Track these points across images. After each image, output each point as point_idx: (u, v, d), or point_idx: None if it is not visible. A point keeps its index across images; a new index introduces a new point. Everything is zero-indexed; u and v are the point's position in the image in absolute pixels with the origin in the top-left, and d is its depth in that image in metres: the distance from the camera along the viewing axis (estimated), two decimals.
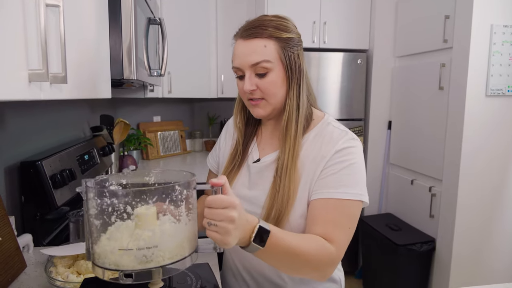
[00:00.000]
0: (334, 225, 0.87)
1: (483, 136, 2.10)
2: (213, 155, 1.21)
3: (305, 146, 0.96)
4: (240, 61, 0.93)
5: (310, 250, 0.80)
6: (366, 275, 2.82)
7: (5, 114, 1.26)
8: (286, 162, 0.93)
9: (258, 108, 0.97)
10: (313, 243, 0.82)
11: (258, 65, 0.91)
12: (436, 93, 2.33)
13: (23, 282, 1.01)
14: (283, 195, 0.91)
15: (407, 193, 2.66)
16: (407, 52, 2.67)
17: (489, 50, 2.04)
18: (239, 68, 0.94)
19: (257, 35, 0.92)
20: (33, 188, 1.27)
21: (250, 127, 1.09)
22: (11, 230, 1.04)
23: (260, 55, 0.91)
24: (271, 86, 0.93)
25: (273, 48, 0.92)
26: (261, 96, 0.95)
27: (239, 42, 0.95)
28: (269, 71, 0.92)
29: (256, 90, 0.94)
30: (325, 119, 1.01)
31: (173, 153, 3.25)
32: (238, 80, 0.98)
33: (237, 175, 1.05)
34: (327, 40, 2.78)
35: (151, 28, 1.80)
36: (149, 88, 2.58)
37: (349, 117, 2.87)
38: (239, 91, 1.00)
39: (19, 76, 0.64)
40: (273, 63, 0.92)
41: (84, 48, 1.02)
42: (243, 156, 1.06)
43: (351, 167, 0.91)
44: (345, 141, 0.93)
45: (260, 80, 0.93)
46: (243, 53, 0.93)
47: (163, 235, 0.66)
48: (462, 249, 2.18)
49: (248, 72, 0.93)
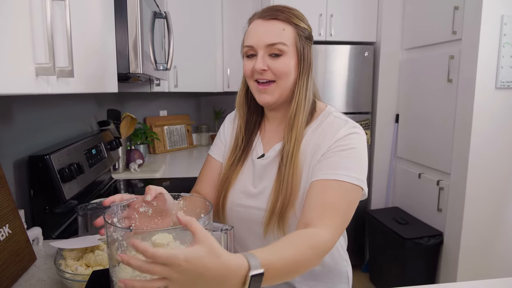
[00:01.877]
0: (330, 208, 0.82)
1: (492, 129, 2.08)
2: (217, 148, 1.14)
3: (306, 137, 0.95)
4: (256, 40, 0.92)
5: (306, 254, 0.73)
6: (373, 269, 2.82)
7: (13, 108, 1.27)
8: (291, 152, 0.92)
9: (266, 94, 0.95)
10: (305, 244, 0.75)
11: (274, 46, 0.90)
12: (444, 86, 2.31)
13: (33, 274, 1.02)
14: (287, 187, 0.90)
15: (415, 187, 2.65)
16: (415, 44, 2.63)
17: (499, 42, 2.00)
18: (253, 46, 0.93)
19: (278, 17, 0.91)
20: (41, 182, 1.28)
21: (253, 118, 1.07)
22: (20, 223, 1.06)
23: (278, 36, 0.90)
24: (284, 67, 0.92)
25: (291, 34, 0.92)
26: (272, 78, 0.93)
27: (257, 22, 0.94)
28: (283, 54, 0.91)
29: (267, 70, 0.92)
30: (327, 110, 1.00)
31: (179, 147, 3.26)
32: (247, 60, 0.96)
33: (240, 170, 1.03)
34: (334, 33, 2.76)
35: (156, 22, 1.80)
36: (155, 82, 2.58)
37: (356, 110, 2.86)
38: (245, 72, 0.97)
39: (26, 70, 0.64)
40: (289, 47, 0.91)
41: (90, 42, 1.02)
42: (246, 151, 1.05)
43: (351, 150, 0.89)
44: (347, 129, 0.91)
45: (272, 61, 0.92)
46: (261, 31, 0.92)
47: None
48: (470, 243, 2.16)
49: (262, 51, 0.92)
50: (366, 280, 2.88)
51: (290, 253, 0.71)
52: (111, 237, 0.66)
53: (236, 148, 1.05)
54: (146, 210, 0.79)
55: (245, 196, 1.01)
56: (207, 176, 1.11)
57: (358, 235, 2.95)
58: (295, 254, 0.71)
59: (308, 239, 0.76)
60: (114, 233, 0.65)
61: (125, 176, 2.28)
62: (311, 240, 0.76)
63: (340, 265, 1.05)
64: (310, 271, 0.99)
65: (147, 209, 0.79)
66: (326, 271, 1.01)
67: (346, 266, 1.07)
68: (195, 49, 2.83)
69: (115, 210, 0.70)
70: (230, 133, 1.12)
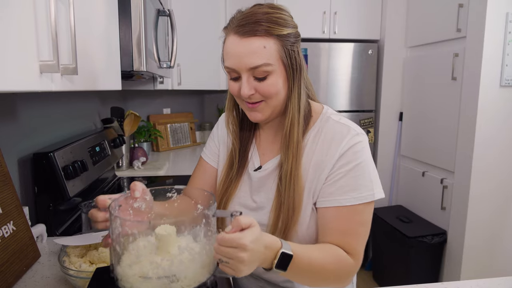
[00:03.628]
0: (348, 235, 0.84)
1: (496, 128, 2.07)
2: (210, 151, 1.10)
3: (306, 150, 0.90)
4: (236, 63, 0.83)
5: (329, 264, 0.79)
6: (376, 267, 2.81)
7: (18, 106, 1.28)
8: (290, 171, 0.87)
9: (256, 112, 0.88)
10: (332, 257, 0.81)
11: (258, 68, 0.81)
12: (448, 84, 2.30)
13: (37, 271, 1.02)
14: (288, 206, 0.87)
15: (418, 185, 2.64)
16: (419, 42, 2.62)
17: (504, 39, 1.99)
18: (234, 69, 0.84)
19: (256, 33, 0.80)
20: (45, 179, 1.29)
21: (246, 130, 1.01)
22: (25, 220, 1.06)
23: (260, 57, 0.81)
24: (272, 88, 0.84)
25: (274, 48, 0.82)
26: (260, 98, 0.86)
27: (233, 39, 0.83)
28: (270, 74, 0.83)
29: (254, 94, 0.85)
30: (324, 113, 0.94)
31: (183, 145, 3.26)
32: (232, 82, 0.88)
33: (238, 184, 0.99)
34: (338, 31, 2.75)
35: (160, 19, 1.80)
36: (159, 80, 2.59)
37: (360, 109, 2.85)
38: (232, 93, 0.90)
39: (31, 67, 0.64)
40: (274, 65, 0.82)
41: (94, 39, 1.02)
42: (243, 163, 1.00)
43: (357, 167, 0.85)
44: (349, 140, 0.86)
45: (259, 83, 0.84)
46: (240, 53, 0.82)
47: (182, 264, 0.66)
48: (474, 241, 2.16)
49: (245, 75, 0.83)
50: (370, 278, 2.88)
51: (317, 256, 0.78)
52: (121, 231, 0.66)
53: (232, 164, 1.00)
54: (140, 205, 0.79)
55: (244, 210, 0.97)
56: (199, 179, 1.09)
57: None
58: (321, 259, 0.78)
59: (336, 253, 0.82)
60: (126, 228, 0.66)
61: (129, 174, 2.28)
62: (338, 256, 0.82)
63: None
64: None
65: (140, 204, 0.79)
66: None
67: None
68: (199, 47, 2.83)
69: (114, 207, 0.71)
70: (224, 133, 1.07)
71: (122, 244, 0.67)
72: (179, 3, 2.58)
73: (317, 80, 2.78)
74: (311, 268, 0.76)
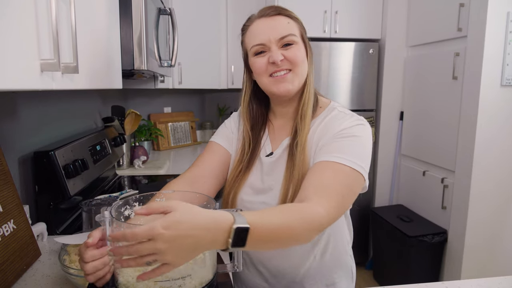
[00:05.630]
0: (327, 188, 0.81)
1: (497, 127, 2.07)
2: (224, 136, 1.11)
3: (310, 132, 0.95)
4: (265, 37, 0.92)
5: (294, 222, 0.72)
6: (377, 266, 2.81)
7: (19, 104, 1.28)
8: (303, 141, 0.92)
9: (285, 82, 0.93)
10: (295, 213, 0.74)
11: (286, 37, 0.92)
12: (449, 83, 2.29)
13: (37, 270, 1.02)
14: (298, 174, 0.90)
15: (419, 184, 2.64)
16: (420, 41, 2.62)
17: (505, 39, 1.99)
18: (264, 44, 0.92)
19: (280, 11, 0.94)
20: (46, 178, 1.29)
21: (259, 119, 1.06)
22: (25, 219, 1.06)
23: (287, 29, 0.92)
24: (299, 54, 0.93)
25: (296, 26, 0.94)
26: (288, 66, 0.93)
27: (259, 21, 0.94)
28: (295, 43, 0.93)
29: (283, 60, 0.92)
30: (331, 105, 1.00)
31: (183, 144, 3.26)
32: (257, 58, 0.94)
33: (250, 170, 1.01)
34: (339, 30, 2.74)
35: (161, 18, 1.80)
36: (160, 79, 2.59)
37: (361, 108, 2.84)
38: (258, 69, 0.95)
39: (32, 66, 0.64)
40: (297, 37, 0.93)
41: (95, 38, 1.02)
42: (255, 150, 1.03)
43: (355, 138, 0.88)
44: (352, 121, 0.91)
45: (286, 51, 0.92)
46: (268, 28, 0.92)
47: (196, 263, 0.69)
48: (475, 241, 2.16)
49: (274, 46, 0.92)
50: (370, 277, 2.88)
51: (277, 220, 0.70)
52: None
53: (244, 153, 1.03)
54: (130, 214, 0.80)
55: (253, 192, 1.00)
56: (209, 160, 1.05)
57: (362, 233, 2.95)
58: (282, 223, 0.70)
59: (299, 211, 0.75)
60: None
61: (129, 173, 2.28)
62: (302, 212, 0.74)
63: (345, 260, 1.04)
64: (314, 266, 0.99)
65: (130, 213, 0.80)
66: (331, 263, 1.01)
67: (350, 262, 1.07)
68: (200, 46, 2.83)
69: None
70: (237, 126, 1.10)
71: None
72: (180, 2, 2.58)
73: (318, 79, 2.78)
74: (274, 233, 0.69)
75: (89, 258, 0.67)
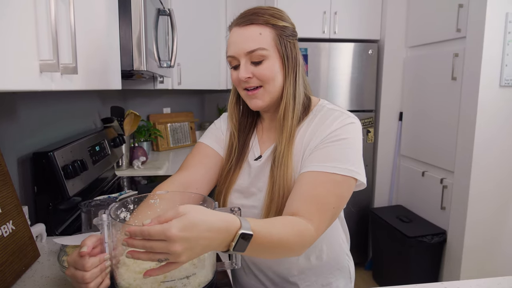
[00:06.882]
0: (317, 204, 0.81)
1: (496, 127, 2.07)
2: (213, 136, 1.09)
3: (300, 133, 0.94)
4: (235, 49, 0.90)
5: (290, 237, 0.74)
6: (376, 266, 2.81)
7: (18, 105, 1.28)
8: (282, 153, 0.90)
9: (256, 99, 0.93)
10: (293, 229, 0.76)
11: (254, 52, 0.88)
12: (448, 84, 2.30)
13: (36, 271, 1.02)
14: (279, 187, 0.89)
15: (418, 185, 2.64)
16: (419, 42, 2.62)
17: (504, 39, 1.99)
18: (234, 56, 0.91)
19: (253, 21, 0.89)
20: (45, 178, 1.28)
21: (247, 121, 1.05)
22: (24, 219, 1.06)
23: (256, 42, 0.88)
24: (268, 72, 0.90)
25: (269, 36, 0.89)
26: (258, 83, 0.91)
27: (234, 30, 0.92)
28: (265, 58, 0.89)
29: (252, 78, 0.90)
30: (320, 104, 0.98)
31: (183, 144, 3.26)
32: (233, 70, 0.94)
33: (238, 173, 1.01)
34: (338, 30, 2.75)
35: (160, 19, 1.80)
36: (159, 80, 2.58)
37: (360, 108, 2.85)
38: (233, 82, 0.96)
39: (31, 67, 0.64)
40: (269, 50, 0.89)
41: (94, 39, 1.02)
42: (243, 154, 1.02)
43: (343, 141, 0.87)
44: (341, 121, 0.89)
45: (255, 67, 0.90)
46: (238, 40, 0.90)
47: (200, 261, 0.69)
48: (474, 241, 2.16)
49: (243, 60, 0.90)
50: (369, 278, 2.88)
51: (278, 232, 0.72)
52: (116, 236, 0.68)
53: (231, 155, 1.02)
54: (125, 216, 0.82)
55: (242, 195, 1.00)
56: (200, 164, 1.03)
57: (361, 233, 2.95)
58: (282, 234, 0.72)
59: (297, 226, 0.76)
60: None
61: (129, 173, 2.28)
62: (299, 228, 0.76)
63: (342, 259, 1.04)
64: (311, 266, 0.99)
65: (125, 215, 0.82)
66: (328, 265, 1.01)
67: (347, 261, 1.06)
68: (199, 47, 2.83)
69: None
70: (226, 126, 1.08)
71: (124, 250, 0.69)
72: (179, 3, 2.58)
73: (317, 80, 2.79)
74: (272, 244, 0.71)
75: (91, 267, 0.67)
